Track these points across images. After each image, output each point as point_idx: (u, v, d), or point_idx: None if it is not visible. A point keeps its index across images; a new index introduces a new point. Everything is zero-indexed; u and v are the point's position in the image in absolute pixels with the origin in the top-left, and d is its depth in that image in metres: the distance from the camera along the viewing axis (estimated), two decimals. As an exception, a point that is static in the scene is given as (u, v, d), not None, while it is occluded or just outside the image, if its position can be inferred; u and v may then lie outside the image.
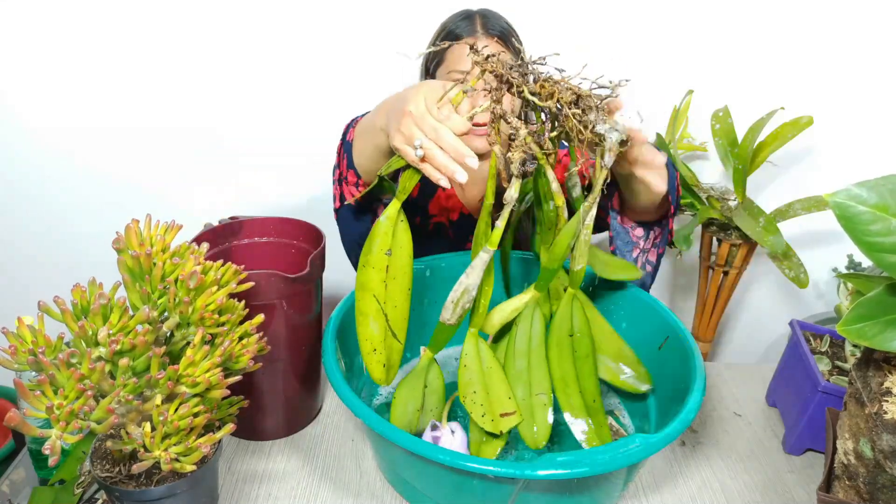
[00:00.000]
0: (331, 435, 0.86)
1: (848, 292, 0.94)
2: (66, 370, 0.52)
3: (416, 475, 0.70)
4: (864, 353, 0.64)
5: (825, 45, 1.32)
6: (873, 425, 0.59)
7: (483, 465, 0.59)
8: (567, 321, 0.76)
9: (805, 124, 1.27)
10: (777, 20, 1.30)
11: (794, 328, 0.91)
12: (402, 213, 0.71)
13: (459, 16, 1.03)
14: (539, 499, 0.65)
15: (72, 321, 0.55)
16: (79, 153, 1.36)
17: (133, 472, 0.60)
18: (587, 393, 0.75)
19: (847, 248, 1.35)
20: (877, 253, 0.50)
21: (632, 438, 0.62)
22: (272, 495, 0.75)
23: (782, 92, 1.33)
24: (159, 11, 1.24)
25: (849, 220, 0.50)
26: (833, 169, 1.41)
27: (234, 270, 0.63)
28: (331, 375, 0.70)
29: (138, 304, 0.59)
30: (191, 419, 0.57)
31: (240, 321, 0.65)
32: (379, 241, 0.70)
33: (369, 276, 0.71)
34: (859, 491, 0.62)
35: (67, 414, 0.51)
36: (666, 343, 0.83)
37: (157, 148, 1.37)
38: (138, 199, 1.41)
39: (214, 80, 1.31)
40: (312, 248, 0.86)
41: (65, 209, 1.42)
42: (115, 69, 1.28)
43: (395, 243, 0.71)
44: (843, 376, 0.84)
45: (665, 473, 0.81)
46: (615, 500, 0.74)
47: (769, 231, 1.22)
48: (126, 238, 0.59)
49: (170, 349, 0.61)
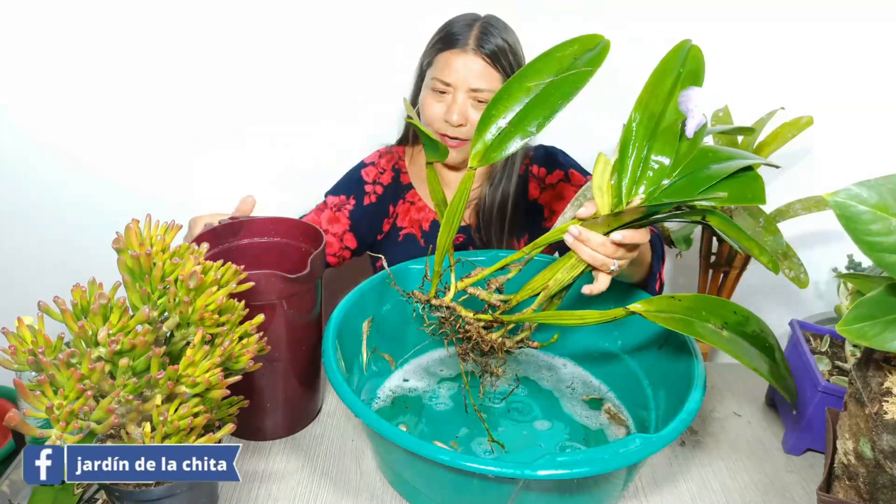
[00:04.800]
0: (331, 435, 0.86)
1: (848, 292, 0.94)
2: (66, 370, 0.52)
3: (416, 475, 0.70)
4: (864, 353, 0.64)
5: (825, 45, 1.32)
6: (873, 425, 0.59)
7: (483, 465, 0.59)
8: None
9: (805, 124, 1.26)
10: (777, 20, 1.30)
11: (794, 328, 0.91)
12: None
13: (463, 20, 1.02)
14: (539, 499, 0.65)
15: (72, 321, 0.55)
16: (79, 153, 1.36)
17: (133, 472, 0.59)
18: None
19: (847, 248, 1.35)
20: (877, 252, 0.50)
21: (632, 438, 0.62)
22: (272, 495, 0.75)
23: (782, 92, 1.33)
24: (160, 13, 1.24)
25: (849, 220, 0.50)
26: (833, 169, 1.41)
27: (234, 270, 0.63)
28: (331, 375, 0.70)
29: (138, 304, 0.59)
30: (191, 419, 0.57)
31: (240, 321, 0.65)
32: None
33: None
34: (859, 491, 0.62)
35: (67, 414, 0.51)
36: (666, 343, 0.83)
37: (157, 149, 1.37)
38: (138, 200, 1.41)
39: (215, 82, 1.31)
40: (312, 248, 0.86)
41: (65, 209, 1.41)
42: (115, 70, 1.28)
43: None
44: (843, 376, 0.84)
45: (665, 473, 0.81)
46: (615, 500, 0.74)
47: (769, 231, 1.22)
48: (126, 238, 0.59)
49: (170, 349, 0.61)
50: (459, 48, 0.97)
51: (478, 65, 0.97)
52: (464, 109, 0.99)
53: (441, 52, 1.00)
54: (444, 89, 0.99)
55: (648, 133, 0.70)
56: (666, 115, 0.71)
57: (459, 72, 0.97)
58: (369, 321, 0.87)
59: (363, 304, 0.87)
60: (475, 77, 0.97)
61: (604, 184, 0.68)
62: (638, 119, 0.71)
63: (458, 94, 0.98)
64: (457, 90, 0.98)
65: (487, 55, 0.97)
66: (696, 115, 0.69)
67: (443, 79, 0.98)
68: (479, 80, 0.97)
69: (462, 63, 0.97)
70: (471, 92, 0.98)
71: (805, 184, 1.41)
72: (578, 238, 0.71)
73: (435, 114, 1.01)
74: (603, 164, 0.68)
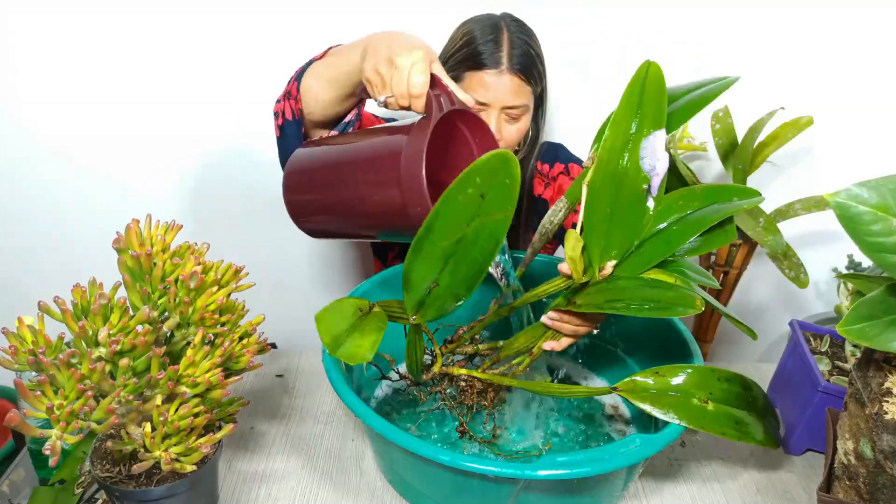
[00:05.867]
0: (331, 435, 0.86)
1: (848, 292, 0.94)
2: (66, 370, 0.52)
3: (416, 475, 0.70)
4: (865, 353, 0.64)
5: (825, 46, 1.32)
6: (873, 425, 0.59)
7: (483, 465, 0.59)
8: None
9: (805, 124, 1.27)
10: (777, 20, 1.30)
11: (794, 328, 0.91)
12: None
13: (485, 29, 0.95)
14: (539, 499, 0.65)
15: (72, 321, 0.55)
16: (78, 153, 1.36)
17: (133, 472, 0.60)
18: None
19: (847, 248, 1.35)
20: (877, 253, 0.50)
21: (632, 438, 0.63)
22: (272, 495, 0.75)
23: (782, 92, 1.33)
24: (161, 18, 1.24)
25: (849, 220, 0.50)
26: (833, 169, 1.41)
27: (235, 270, 0.63)
28: (331, 375, 0.70)
29: (138, 304, 0.59)
30: (191, 419, 0.57)
31: (240, 321, 0.65)
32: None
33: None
34: (859, 491, 0.62)
35: (68, 414, 0.51)
36: (666, 343, 0.83)
37: (157, 149, 1.37)
38: (138, 199, 1.41)
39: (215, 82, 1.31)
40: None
41: (65, 209, 1.41)
42: (116, 73, 1.28)
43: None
44: (843, 376, 0.84)
45: (665, 473, 0.81)
46: (615, 500, 0.74)
47: (769, 231, 1.22)
48: (126, 238, 0.59)
49: (170, 349, 0.61)
50: (493, 68, 0.93)
51: (513, 83, 0.94)
52: (499, 126, 0.97)
53: (472, 69, 0.95)
54: (477, 109, 0.96)
55: (612, 197, 0.69)
56: (628, 172, 0.69)
57: (495, 92, 0.94)
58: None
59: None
60: (511, 96, 0.94)
61: (576, 256, 0.67)
62: (599, 182, 0.69)
63: (491, 113, 0.95)
64: (491, 109, 0.95)
65: (521, 72, 0.94)
66: (660, 167, 0.67)
67: (477, 98, 0.94)
68: (514, 99, 0.95)
69: (497, 82, 0.93)
70: (505, 109, 0.96)
71: (805, 184, 1.41)
72: (562, 320, 0.71)
73: None
74: (574, 241, 0.67)
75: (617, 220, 0.69)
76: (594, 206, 0.69)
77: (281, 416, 0.89)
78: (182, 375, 0.57)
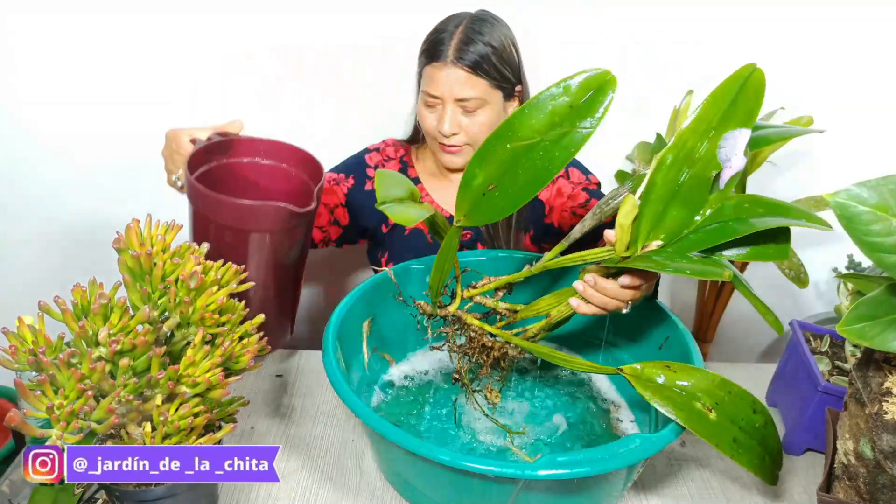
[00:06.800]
0: (331, 435, 0.86)
1: (848, 292, 0.94)
2: (66, 370, 0.52)
3: (416, 475, 0.70)
4: (865, 353, 0.64)
5: (825, 46, 1.32)
6: (873, 425, 0.59)
7: (483, 465, 0.59)
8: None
9: (805, 124, 1.26)
10: (777, 20, 1.30)
11: (794, 328, 0.91)
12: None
13: (448, 25, 0.99)
14: (539, 499, 0.65)
15: (72, 321, 0.55)
16: (79, 154, 1.36)
17: (133, 472, 0.59)
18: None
19: (847, 248, 1.35)
20: (877, 253, 0.50)
21: (632, 438, 0.63)
22: (272, 495, 0.75)
23: (782, 92, 1.33)
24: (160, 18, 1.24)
25: (849, 220, 0.51)
26: (833, 169, 1.41)
27: (235, 270, 0.63)
28: (331, 375, 0.71)
29: (139, 304, 0.59)
30: (191, 419, 0.57)
31: (240, 321, 0.65)
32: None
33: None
34: (859, 491, 0.62)
35: (68, 414, 0.51)
36: (666, 343, 0.83)
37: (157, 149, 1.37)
38: (138, 199, 1.41)
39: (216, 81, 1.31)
40: (311, 180, 0.85)
41: (65, 209, 1.42)
42: (116, 73, 1.28)
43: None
44: (843, 376, 0.84)
45: (665, 473, 0.81)
46: (615, 500, 0.74)
47: (769, 231, 1.22)
48: (126, 238, 0.59)
49: (170, 349, 0.61)
50: (441, 61, 0.97)
51: (460, 76, 0.96)
52: (454, 119, 0.99)
53: (426, 65, 1.00)
54: (433, 102, 1.00)
55: (677, 178, 0.67)
56: (702, 157, 0.67)
57: (443, 85, 0.97)
58: (370, 321, 0.87)
59: (364, 304, 0.87)
60: (459, 88, 0.97)
61: (626, 224, 0.66)
62: (670, 160, 0.66)
63: (446, 106, 0.99)
64: (444, 102, 0.99)
65: (468, 66, 0.96)
66: (736, 163, 0.65)
67: (430, 92, 0.99)
68: (462, 91, 0.97)
69: (444, 76, 0.97)
70: (458, 102, 0.98)
71: (805, 184, 1.41)
72: (595, 287, 0.70)
73: (430, 125, 1.03)
74: (630, 206, 0.65)
75: (677, 201, 0.67)
76: (657, 181, 0.67)
77: (281, 416, 0.89)
78: (182, 375, 0.57)
